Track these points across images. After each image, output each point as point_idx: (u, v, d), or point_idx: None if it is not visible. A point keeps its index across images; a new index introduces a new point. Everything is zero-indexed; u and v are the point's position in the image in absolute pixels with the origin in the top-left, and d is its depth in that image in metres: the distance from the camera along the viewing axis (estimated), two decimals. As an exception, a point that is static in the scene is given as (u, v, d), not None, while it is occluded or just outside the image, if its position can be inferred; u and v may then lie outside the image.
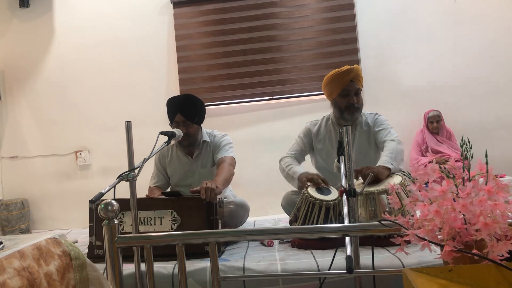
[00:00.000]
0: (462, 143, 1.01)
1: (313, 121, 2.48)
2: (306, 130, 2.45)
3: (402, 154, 2.14)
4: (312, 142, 2.42)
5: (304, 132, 2.45)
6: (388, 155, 2.08)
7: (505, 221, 0.82)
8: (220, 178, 2.13)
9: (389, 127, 2.29)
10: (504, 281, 0.75)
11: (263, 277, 1.62)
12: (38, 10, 3.83)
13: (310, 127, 2.44)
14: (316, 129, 2.42)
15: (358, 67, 2.27)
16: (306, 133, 2.44)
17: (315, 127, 2.43)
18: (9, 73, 3.85)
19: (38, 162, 3.83)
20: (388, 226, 1.09)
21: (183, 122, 2.28)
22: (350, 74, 2.24)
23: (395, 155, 2.08)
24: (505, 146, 3.51)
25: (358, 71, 2.27)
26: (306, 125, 2.47)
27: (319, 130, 2.41)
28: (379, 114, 2.38)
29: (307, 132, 2.43)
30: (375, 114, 2.38)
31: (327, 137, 2.38)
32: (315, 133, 2.42)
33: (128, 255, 1.45)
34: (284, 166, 2.31)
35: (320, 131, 2.41)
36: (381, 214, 1.74)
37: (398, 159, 2.09)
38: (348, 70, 2.24)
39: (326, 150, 2.36)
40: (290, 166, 2.28)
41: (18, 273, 1.05)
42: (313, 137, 2.42)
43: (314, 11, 3.67)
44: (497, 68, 3.58)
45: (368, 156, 2.30)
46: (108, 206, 1.26)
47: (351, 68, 2.25)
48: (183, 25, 3.74)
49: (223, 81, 3.71)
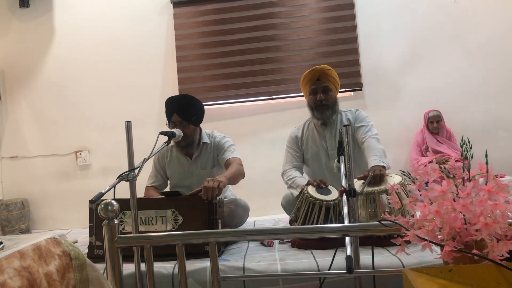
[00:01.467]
0: (462, 143, 1.01)
1: (296, 127, 2.52)
2: (290, 138, 2.48)
3: (385, 152, 2.17)
4: (300, 148, 2.45)
5: (290, 140, 2.48)
6: (377, 154, 2.10)
7: (505, 221, 0.82)
8: (228, 172, 2.13)
9: (369, 124, 2.31)
10: (504, 281, 0.75)
11: (263, 277, 1.62)
12: (38, 10, 3.83)
13: (293, 134, 2.48)
14: (300, 133, 2.47)
15: (326, 67, 2.32)
16: (292, 140, 2.47)
17: (299, 131, 2.47)
18: (9, 73, 3.85)
19: (38, 162, 3.83)
20: (388, 226, 1.09)
21: (180, 123, 2.27)
22: (316, 73, 2.30)
23: (382, 153, 2.13)
24: (505, 146, 3.51)
25: (325, 70, 2.31)
26: (289, 133, 2.51)
27: (303, 135, 2.45)
28: (359, 110, 2.41)
29: (292, 140, 2.47)
30: (356, 110, 2.41)
31: (311, 139, 2.41)
32: (299, 137, 2.46)
33: (128, 255, 1.45)
34: (287, 179, 2.32)
35: (303, 136, 2.45)
36: (381, 214, 1.74)
37: (384, 157, 2.13)
38: (314, 69, 2.31)
39: (312, 152, 2.39)
40: (293, 179, 2.27)
41: (18, 273, 1.05)
42: (299, 140, 2.45)
43: (314, 10, 3.67)
44: (497, 68, 3.58)
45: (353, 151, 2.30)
46: (108, 206, 1.26)
47: (316, 67, 2.31)
48: (182, 25, 3.73)
49: (222, 81, 3.71)
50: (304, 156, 2.43)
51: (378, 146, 2.16)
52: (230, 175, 2.10)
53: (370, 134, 2.23)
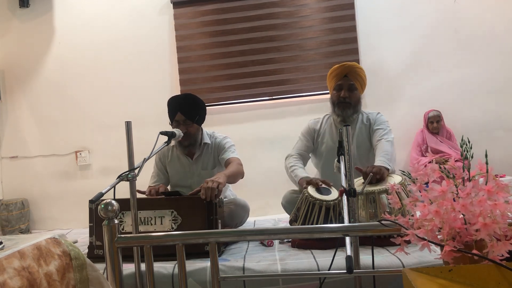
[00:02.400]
0: (462, 143, 1.01)
1: (315, 119, 2.49)
2: (307, 128, 2.46)
3: (395, 155, 2.17)
4: (314, 139, 2.43)
5: (306, 129, 2.46)
6: (385, 156, 2.09)
7: (505, 221, 0.82)
8: (227, 171, 2.13)
9: (388, 129, 2.29)
10: (504, 281, 0.75)
11: (263, 277, 1.62)
12: (38, 10, 3.83)
13: (312, 125, 2.45)
14: (318, 126, 2.44)
15: (356, 65, 2.29)
16: (308, 130, 2.44)
17: (317, 125, 2.45)
18: (9, 73, 3.85)
19: (38, 162, 3.83)
20: (388, 226, 1.09)
21: (184, 121, 2.28)
22: (345, 69, 2.27)
23: (391, 156, 2.11)
24: (505, 146, 3.51)
25: (354, 67, 2.28)
26: (308, 123, 2.48)
27: (321, 128, 2.43)
28: (381, 114, 2.38)
29: (309, 130, 2.44)
30: (378, 113, 2.39)
31: (328, 134, 2.39)
32: (317, 129, 2.43)
33: (128, 255, 1.45)
34: (288, 166, 2.31)
35: (321, 129, 2.43)
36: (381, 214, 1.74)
37: (393, 161, 2.12)
38: (343, 65, 2.27)
39: (327, 147, 2.37)
40: (293, 168, 2.27)
41: (18, 273, 1.05)
42: (315, 133, 2.43)
43: (315, 11, 3.67)
44: (497, 68, 3.58)
45: (368, 152, 2.31)
46: (108, 206, 1.26)
47: (346, 63, 2.28)
48: (183, 25, 3.73)
49: (223, 82, 3.71)
50: (319, 149, 2.41)
51: (388, 149, 2.13)
52: (230, 173, 2.11)
53: (385, 137, 2.22)
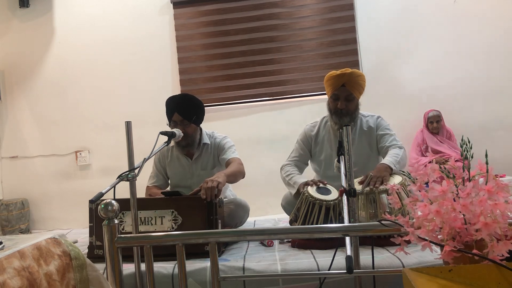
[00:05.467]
0: (462, 143, 1.01)
1: (312, 124, 2.42)
2: (304, 135, 2.39)
3: (405, 161, 2.14)
4: (311, 147, 2.37)
5: (303, 137, 2.39)
6: (394, 157, 2.06)
7: (505, 221, 0.82)
8: (227, 170, 2.13)
9: (393, 134, 2.26)
10: (504, 281, 0.75)
11: (263, 277, 1.62)
12: (38, 10, 3.83)
13: (308, 131, 2.38)
14: (315, 131, 2.37)
15: (354, 74, 2.16)
16: (304, 138, 2.38)
17: (314, 130, 2.38)
18: (9, 73, 3.85)
19: (38, 162, 3.83)
20: (388, 226, 1.09)
21: (181, 122, 2.26)
22: (342, 79, 2.16)
23: (400, 159, 2.08)
24: (505, 146, 3.51)
25: (352, 77, 2.15)
26: (304, 129, 2.41)
27: (318, 132, 2.37)
28: (381, 118, 2.33)
29: (305, 137, 2.38)
30: (378, 117, 2.33)
31: (326, 138, 2.33)
32: (314, 135, 2.36)
33: (128, 255, 1.45)
34: (285, 176, 2.27)
35: (319, 133, 2.36)
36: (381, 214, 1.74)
37: (402, 164, 2.08)
38: (340, 75, 2.16)
39: (325, 152, 2.32)
40: (290, 176, 2.23)
41: (18, 273, 1.05)
42: (312, 140, 2.36)
43: (314, 11, 3.68)
44: (497, 68, 3.58)
45: (368, 158, 2.27)
46: (108, 206, 1.25)
47: (344, 72, 2.15)
48: (183, 26, 3.74)
49: (223, 82, 3.71)
50: (317, 157, 2.35)
51: (399, 152, 2.11)
52: (229, 173, 2.11)
53: (395, 143, 2.20)
